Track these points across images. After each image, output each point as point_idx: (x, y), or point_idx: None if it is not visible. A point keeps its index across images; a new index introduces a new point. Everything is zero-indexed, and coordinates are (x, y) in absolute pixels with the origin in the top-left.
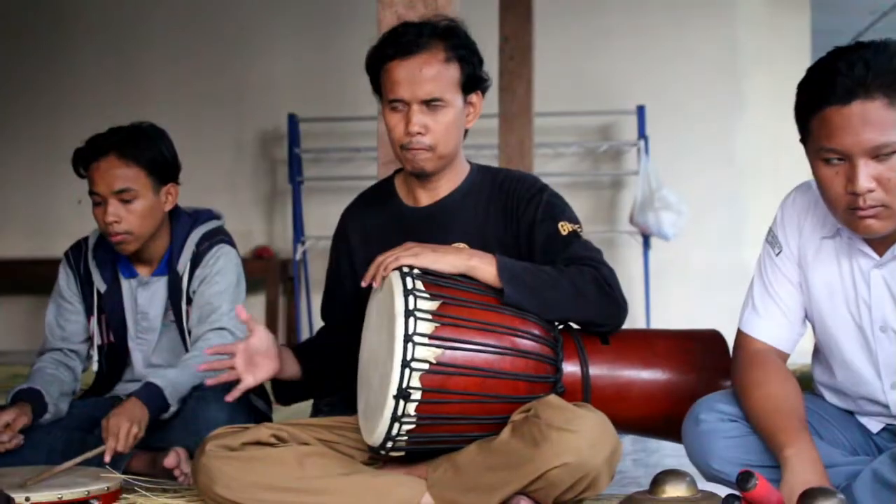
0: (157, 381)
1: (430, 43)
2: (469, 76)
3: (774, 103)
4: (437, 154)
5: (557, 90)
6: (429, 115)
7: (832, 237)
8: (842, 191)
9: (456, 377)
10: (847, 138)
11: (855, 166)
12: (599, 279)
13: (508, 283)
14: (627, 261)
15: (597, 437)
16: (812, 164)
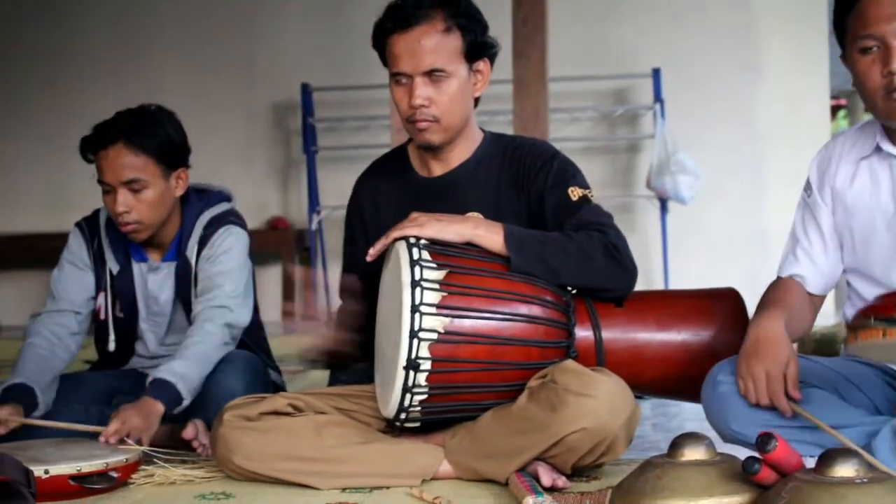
0: (167, 376)
1: (428, 14)
2: (472, 44)
3: (792, 64)
4: (444, 125)
5: (572, 54)
6: (432, 86)
7: (870, 156)
8: (879, 77)
9: (465, 346)
10: (881, 22)
11: (890, 48)
12: (608, 244)
13: (515, 250)
14: (645, 225)
15: (614, 401)
16: (851, 62)
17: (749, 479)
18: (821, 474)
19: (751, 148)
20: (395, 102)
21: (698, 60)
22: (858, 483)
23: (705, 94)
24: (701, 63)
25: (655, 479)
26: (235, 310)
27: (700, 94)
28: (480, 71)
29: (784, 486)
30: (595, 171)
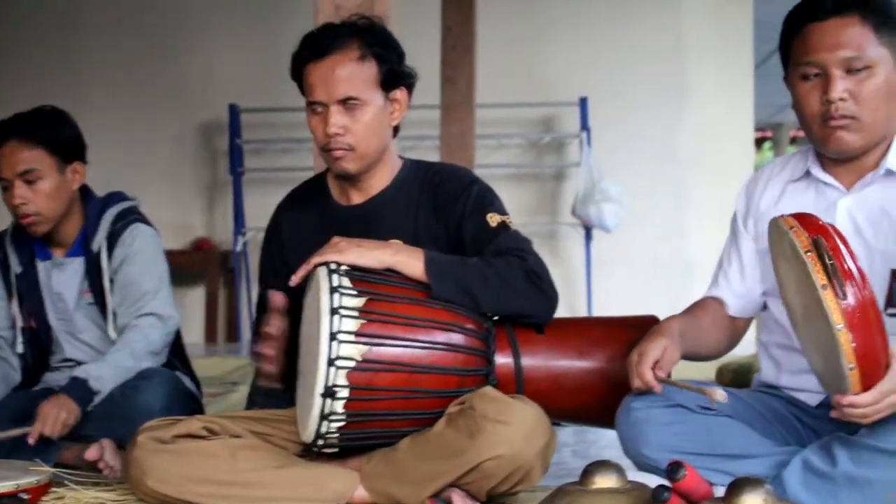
0: (80, 374)
1: (343, 43)
2: (388, 72)
3: (717, 95)
4: (359, 154)
5: (500, 81)
6: (347, 114)
7: (799, 179)
8: (817, 104)
9: (383, 374)
10: (823, 51)
11: (830, 77)
12: (528, 270)
13: (436, 277)
14: (570, 252)
15: (531, 429)
16: (792, 86)
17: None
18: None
19: (675, 177)
20: (311, 131)
21: (625, 90)
22: None
23: (631, 124)
24: (627, 92)
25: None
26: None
27: (626, 123)
28: (397, 100)
29: None
30: (521, 198)
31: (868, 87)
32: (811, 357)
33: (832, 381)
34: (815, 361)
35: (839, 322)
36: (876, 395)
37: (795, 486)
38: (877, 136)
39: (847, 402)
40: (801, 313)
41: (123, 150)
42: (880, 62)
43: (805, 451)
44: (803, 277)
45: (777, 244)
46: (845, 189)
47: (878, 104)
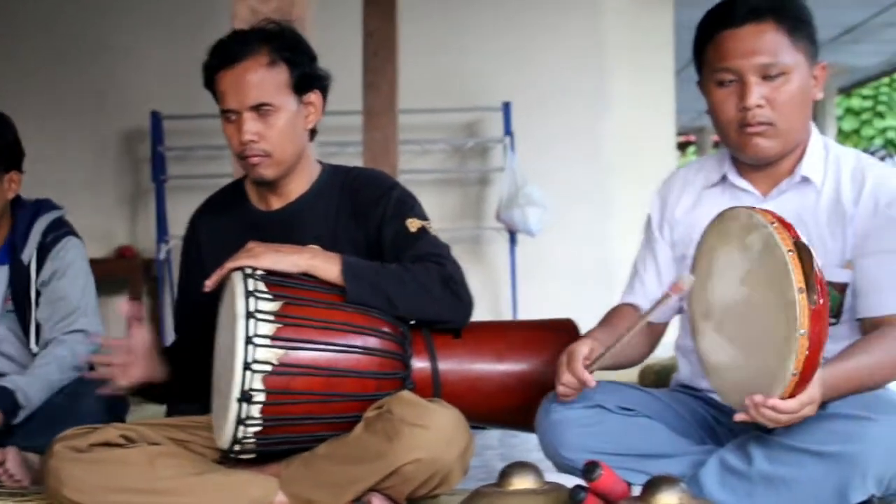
0: (7, 384)
1: (252, 49)
2: (300, 76)
3: (639, 100)
4: (275, 160)
5: (423, 86)
6: (260, 121)
7: (717, 184)
8: (734, 110)
9: (300, 378)
10: (739, 57)
11: (746, 83)
12: (445, 276)
13: (351, 281)
14: (494, 257)
15: (449, 433)
16: (707, 92)
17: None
18: (645, 502)
19: (598, 181)
20: (227, 139)
21: (548, 95)
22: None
23: (554, 128)
24: (550, 97)
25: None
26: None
27: (549, 128)
28: (312, 103)
29: None
30: (446, 203)
31: (784, 94)
32: (720, 351)
33: (750, 379)
34: (728, 357)
35: (803, 327)
36: (798, 405)
37: (712, 486)
38: (793, 142)
39: (771, 404)
40: (729, 305)
41: (45, 157)
42: (795, 68)
43: (721, 451)
44: (767, 273)
45: (733, 233)
46: (761, 195)
47: (794, 110)
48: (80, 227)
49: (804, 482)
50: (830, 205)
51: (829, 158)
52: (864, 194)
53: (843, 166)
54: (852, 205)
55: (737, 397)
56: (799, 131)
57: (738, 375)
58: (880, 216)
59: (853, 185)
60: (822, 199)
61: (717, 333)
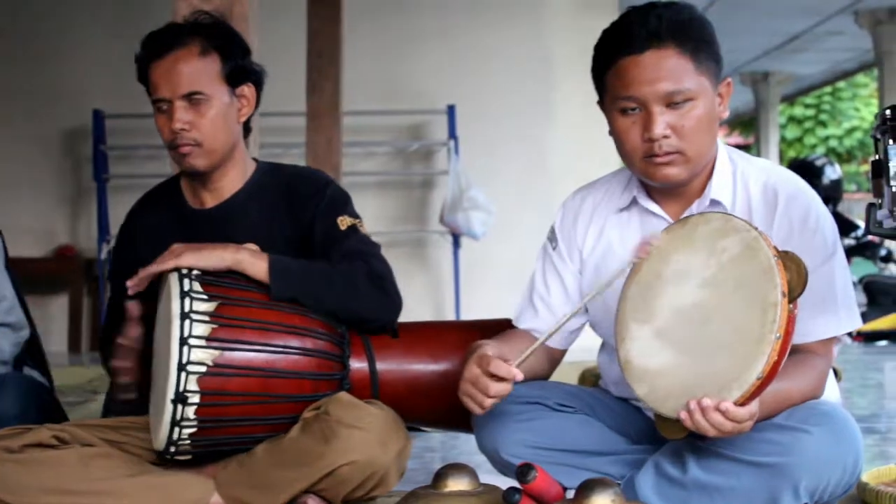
0: None
1: (184, 39)
2: (233, 68)
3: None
4: (206, 150)
5: (367, 88)
6: (192, 110)
7: (627, 208)
8: (639, 140)
9: (235, 378)
10: (642, 86)
11: (651, 113)
12: (372, 273)
13: (278, 278)
14: (438, 260)
15: (386, 434)
16: (610, 118)
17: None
18: None
19: (542, 185)
20: (159, 131)
21: (493, 99)
22: None
23: (499, 132)
24: (495, 101)
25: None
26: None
27: (494, 132)
28: (245, 96)
29: None
30: (389, 205)
31: (690, 120)
32: (657, 356)
33: (693, 384)
34: (667, 361)
35: (780, 331)
36: (747, 414)
37: (647, 491)
38: (702, 165)
39: (724, 407)
40: (681, 309)
41: None
42: (701, 92)
43: (657, 455)
44: (742, 276)
45: (701, 236)
46: (672, 219)
47: (702, 135)
48: (21, 227)
49: (738, 491)
50: None
51: (737, 176)
52: (777, 215)
53: (752, 184)
54: (766, 227)
55: (672, 402)
56: (707, 154)
57: (676, 380)
58: (795, 237)
59: (765, 205)
60: None
61: (658, 338)
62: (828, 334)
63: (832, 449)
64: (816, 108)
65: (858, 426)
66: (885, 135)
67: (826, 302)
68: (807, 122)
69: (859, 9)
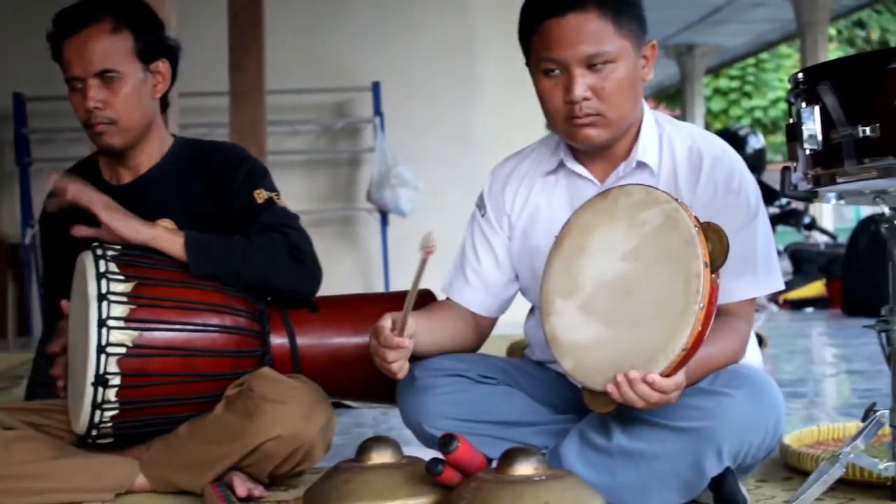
0: None
1: (95, 16)
2: (146, 44)
3: (509, 81)
4: (121, 128)
5: (291, 67)
6: (105, 88)
7: (554, 171)
8: (560, 102)
9: (156, 359)
10: (563, 48)
11: (572, 76)
12: (290, 245)
13: (195, 254)
14: (366, 237)
15: (309, 408)
16: (535, 80)
17: (434, 481)
18: (502, 473)
19: (468, 161)
20: (74, 109)
21: (418, 75)
22: (537, 480)
23: (425, 109)
24: (420, 78)
25: (342, 485)
26: None
27: (420, 109)
28: (159, 72)
29: (466, 486)
30: (316, 184)
31: (611, 82)
32: (582, 329)
33: (619, 357)
34: (594, 334)
35: (704, 300)
36: (673, 384)
37: (572, 460)
38: (624, 127)
39: (650, 379)
40: (604, 282)
41: None
42: (622, 54)
43: (581, 424)
44: (664, 247)
45: (621, 209)
46: (599, 182)
47: (623, 97)
48: None
49: (662, 457)
50: (668, 189)
51: (662, 140)
52: (702, 177)
53: (678, 147)
54: (691, 190)
55: (599, 376)
56: (629, 116)
57: (603, 353)
58: (719, 199)
59: (690, 167)
60: (660, 183)
61: (582, 312)
62: (748, 295)
63: (753, 412)
64: (741, 80)
65: (785, 391)
66: (798, 98)
67: (747, 264)
68: (732, 94)
69: None
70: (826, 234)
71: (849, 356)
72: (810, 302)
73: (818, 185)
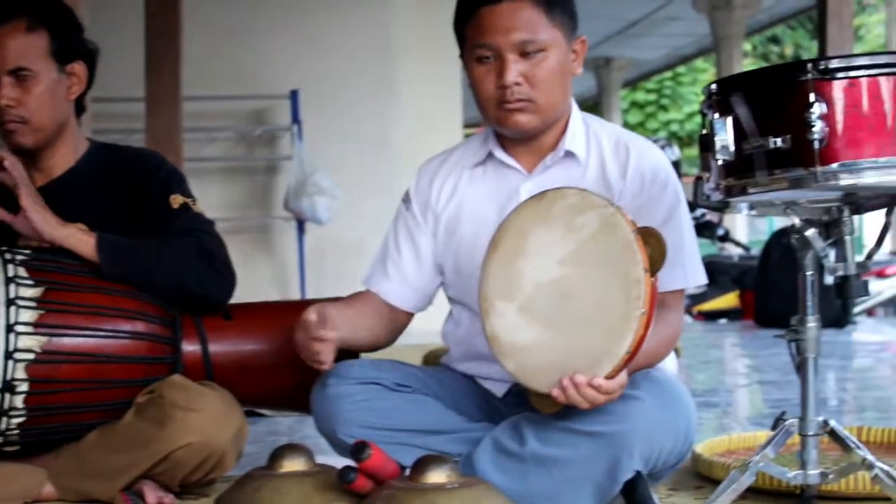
0: None
1: (11, 14)
2: (62, 44)
3: (426, 88)
4: (33, 127)
5: (209, 73)
6: (18, 87)
7: (482, 163)
8: (493, 88)
9: (65, 365)
10: (497, 34)
11: (504, 61)
12: (203, 250)
13: (107, 256)
14: (283, 246)
15: (221, 416)
16: (468, 69)
17: (346, 489)
18: (414, 481)
19: (386, 169)
20: None
21: (336, 83)
22: (449, 488)
23: (343, 116)
24: (338, 85)
25: (253, 492)
26: None
27: (338, 116)
28: (75, 73)
29: (379, 494)
30: (233, 191)
31: (542, 70)
32: (523, 332)
33: (563, 359)
34: (535, 337)
35: (645, 306)
36: (617, 385)
37: (486, 466)
38: (553, 116)
39: (596, 384)
40: (544, 285)
41: None
42: (553, 44)
43: (495, 431)
44: (602, 252)
45: (557, 212)
46: (527, 172)
47: (553, 85)
48: None
49: (575, 462)
50: (596, 180)
51: (589, 133)
52: (630, 169)
53: (604, 141)
54: (619, 180)
55: (542, 378)
56: (558, 106)
57: (544, 356)
58: (646, 190)
59: (617, 159)
60: (588, 173)
61: (522, 314)
62: (679, 285)
63: (664, 415)
64: (658, 93)
65: (698, 401)
66: (711, 109)
67: (677, 254)
68: (648, 107)
69: None
70: (739, 246)
71: (761, 366)
72: (724, 313)
73: (730, 196)
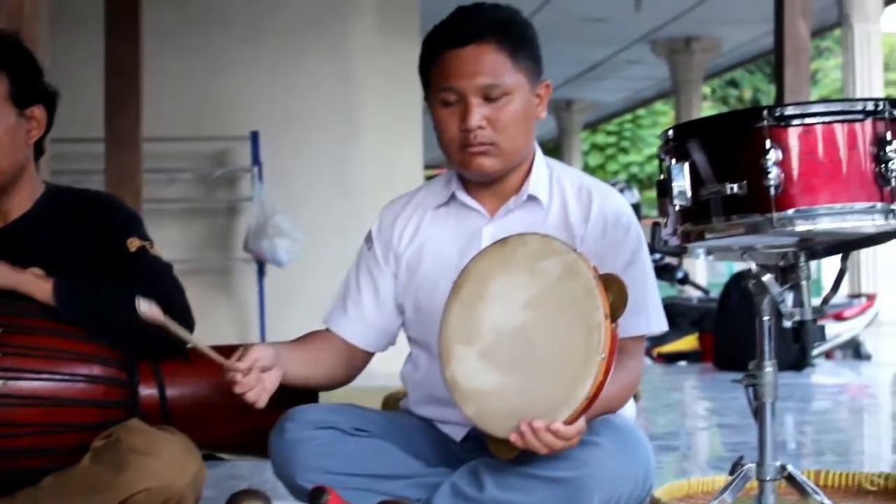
0: None
1: None
2: (22, 88)
3: (388, 131)
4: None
5: (169, 114)
6: None
7: (445, 204)
8: (456, 131)
9: (21, 409)
10: (461, 78)
11: (468, 105)
12: (160, 295)
13: (63, 300)
14: (243, 288)
15: (179, 460)
16: (433, 112)
17: None
18: None
19: (348, 210)
20: None
21: (296, 125)
22: None
23: (304, 158)
24: (299, 127)
25: None
26: None
27: (298, 158)
28: (35, 117)
29: None
30: (193, 233)
31: (506, 114)
32: (483, 377)
33: (523, 404)
34: (496, 382)
35: (605, 351)
36: (575, 431)
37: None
38: (516, 160)
39: (554, 429)
40: (505, 330)
41: None
42: (517, 88)
43: (454, 476)
44: (564, 298)
45: (520, 258)
46: (489, 215)
47: (517, 129)
48: None
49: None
50: (558, 224)
51: (553, 178)
52: (592, 214)
53: (567, 186)
54: (581, 224)
55: (501, 423)
56: (521, 150)
57: (505, 401)
58: (609, 234)
59: (579, 204)
60: (550, 217)
61: (482, 359)
62: (640, 332)
63: (622, 460)
64: (618, 136)
65: (657, 444)
66: (668, 155)
67: (638, 299)
68: (609, 149)
69: (656, 38)
70: (699, 289)
71: (720, 409)
72: (683, 356)
73: (687, 241)
